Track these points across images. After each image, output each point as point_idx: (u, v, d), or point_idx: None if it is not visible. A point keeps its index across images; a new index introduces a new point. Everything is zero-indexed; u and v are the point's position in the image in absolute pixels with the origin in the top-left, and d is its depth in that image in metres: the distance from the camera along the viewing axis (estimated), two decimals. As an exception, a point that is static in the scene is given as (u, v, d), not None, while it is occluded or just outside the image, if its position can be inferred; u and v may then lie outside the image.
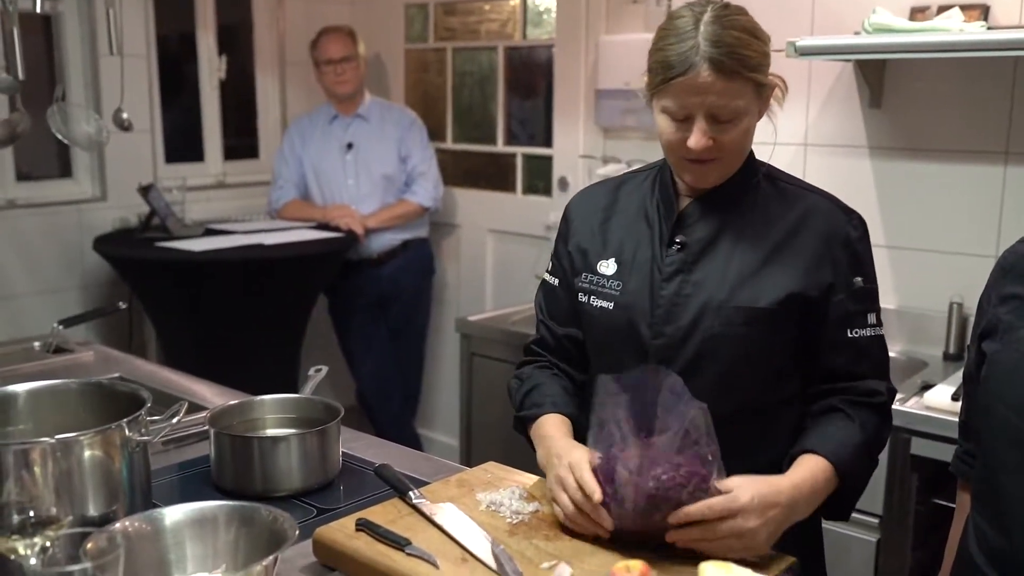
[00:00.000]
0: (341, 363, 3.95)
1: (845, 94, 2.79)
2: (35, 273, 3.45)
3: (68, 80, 3.50)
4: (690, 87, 1.39)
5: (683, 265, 1.50)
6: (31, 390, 1.54)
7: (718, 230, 1.50)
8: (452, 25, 4.03)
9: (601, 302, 1.55)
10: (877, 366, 1.52)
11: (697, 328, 1.47)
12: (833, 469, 1.40)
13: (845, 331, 1.47)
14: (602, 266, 1.57)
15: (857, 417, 1.46)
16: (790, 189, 1.54)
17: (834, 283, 1.46)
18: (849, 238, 1.49)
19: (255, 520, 1.29)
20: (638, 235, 1.56)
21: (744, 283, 1.47)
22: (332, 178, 3.86)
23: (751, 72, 1.40)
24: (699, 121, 1.40)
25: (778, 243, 1.48)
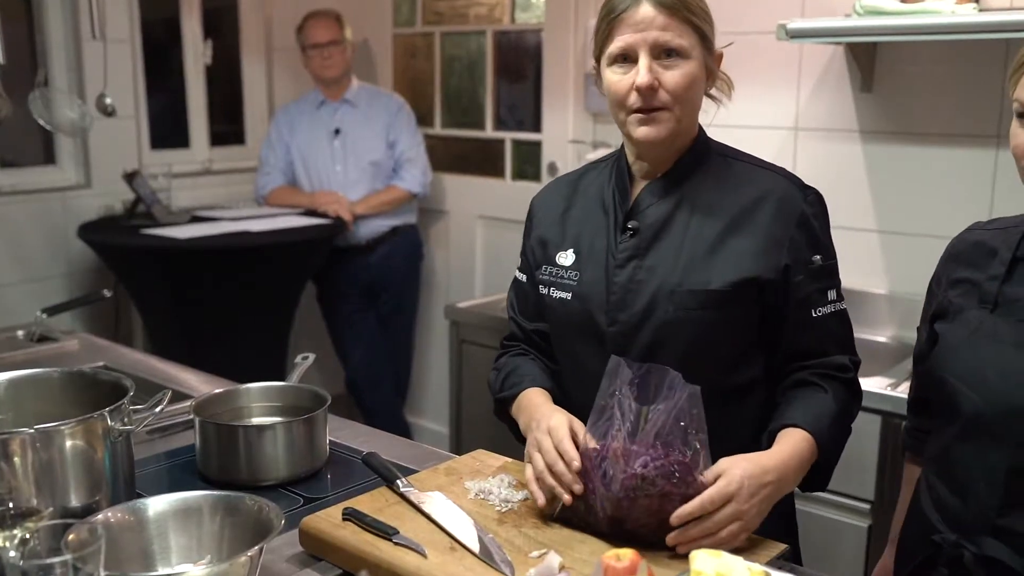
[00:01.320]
0: (330, 350, 3.93)
1: (836, 78, 2.77)
2: (19, 261, 3.41)
3: (50, 65, 3.45)
4: (632, 23, 1.42)
5: (636, 251, 1.50)
6: (11, 379, 1.51)
7: (671, 213, 1.50)
8: (440, 9, 4.00)
9: (560, 293, 1.55)
10: (842, 341, 1.52)
11: (652, 314, 1.47)
12: (813, 440, 1.41)
13: (809, 311, 1.47)
14: (561, 257, 1.57)
15: (830, 389, 1.47)
16: (743, 167, 1.54)
17: (791, 264, 1.46)
18: (805, 215, 1.48)
19: (240, 510, 1.27)
20: (595, 224, 1.56)
21: (696, 265, 1.46)
22: (320, 164, 3.83)
23: (692, 15, 1.44)
24: (643, 58, 1.42)
25: (731, 223, 1.47)
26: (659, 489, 1.25)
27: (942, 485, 1.39)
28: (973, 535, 1.32)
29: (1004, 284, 1.37)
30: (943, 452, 1.40)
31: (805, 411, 1.44)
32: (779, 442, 1.40)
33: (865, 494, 2.30)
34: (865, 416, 2.27)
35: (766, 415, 1.49)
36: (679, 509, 1.25)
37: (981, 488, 1.32)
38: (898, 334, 2.70)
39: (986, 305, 1.37)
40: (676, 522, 1.26)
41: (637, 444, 1.27)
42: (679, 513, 1.25)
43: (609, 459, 1.28)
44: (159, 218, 3.49)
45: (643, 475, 1.25)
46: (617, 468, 1.26)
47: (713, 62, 1.50)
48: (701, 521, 1.26)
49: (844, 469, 2.29)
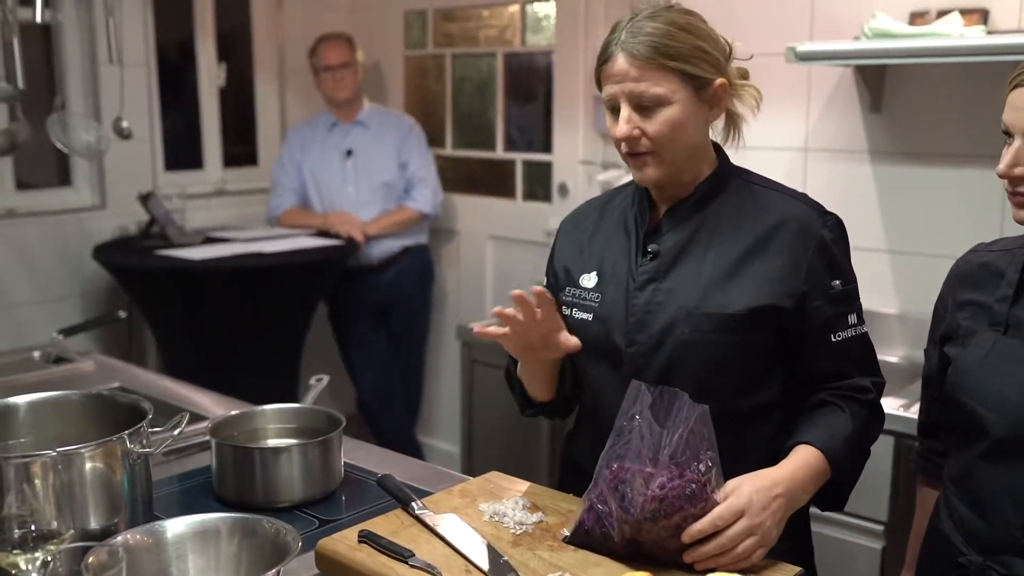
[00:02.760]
0: (341, 370, 3.94)
1: (845, 99, 2.78)
2: (35, 282, 3.45)
3: (68, 89, 3.50)
4: (610, 75, 1.46)
5: (656, 273, 1.52)
6: (32, 402, 1.53)
7: (690, 237, 1.52)
8: (451, 31, 4.03)
9: (582, 314, 1.58)
10: (864, 364, 1.54)
11: (669, 335, 1.49)
12: (824, 458, 1.42)
13: (828, 336, 1.49)
14: (584, 279, 1.60)
15: (847, 409, 1.48)
16: (763, 192, 1.56)
17: (808, 291, 1.47)
18: (824, 241, 1.49)
19: (258, 532, 1.28)
20: (618, 247, 1.59)
21: (715, 289, 1.48)
22: (331, 185, 3.86)
23: (670, 60, 1.44)
24: (622, 109, 1.46)
25: (751, 248, 1.49)
26: (677, 509, 1.27)
27: (964, 506, 1.39)
28: (1000, 556, 1.32)
29: (1013, 306, 1.38)
30: (965, 473, 1.40)
31: (818, 429, 1.45)
32: (789, 457, 1.43)
33: (879, 515, 2.30)
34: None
35: (783, 438, 1.50)
36: (691, 527, 1.27)
37: (1007, 508, 1.32)
38: (910, 354, 2.69)
39: (997, 327, 1.38)
40: (688, 539, 1.27)
41: (655, 466, 1.29)
42: (691, 531, 1.27)
43: (628, 481, 1.29)
44: (173, 239, 3.52)
45: (662, 496, 1.26)
46: (636, 491, 1.27)
47: (713, 94, 1.50)
48: (715, 537, 1.28)
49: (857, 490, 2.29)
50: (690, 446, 1.29)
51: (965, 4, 2.50)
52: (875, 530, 2.32)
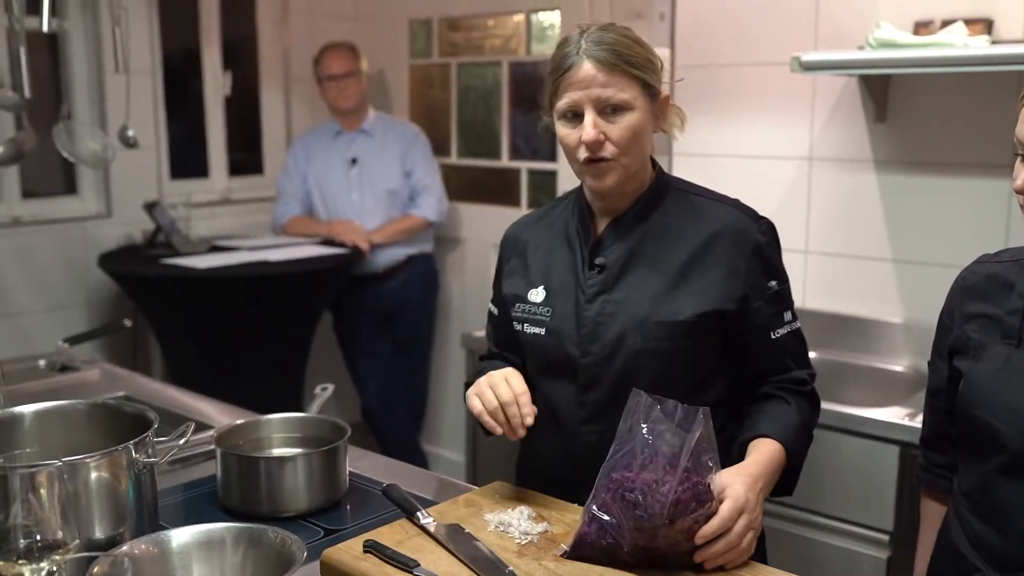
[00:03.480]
0: (346, 378, 3.94)
1: (849, 108, 2.79)
2: (40, 290, 3.45)
3: (74, 98, 3.51)
4: (575, 82, 1.50)
5: (604, 285, 1.58)
6: (38, 411, 1.54)
7: (634, 249, 1.59)
8: (456, 40, 4.04)
9: (534, 328, 1.63)
10: (799, 357, 1.63)
11: (622, 345, 1.55)
12: (783, 449, 1.51)
13: (768, 334, 1.58)
14: (532, 294, 1.65)
15: (792, 401, 1.58)
16: (700, 201, 1.63)
17: (748, 293, 1.55)
18: (759, 245, 1.57)
19: (263, 542, 1.28)
20: (562, 261, 1.64)
21: (663, 298, 1.55)
22: (336, 193, 3.86)
23: (632, 68, 1.51)
24: (587, 114, 1.50)
25: (692, 257, 1.57)
26: (691, 511, 1.30)
27: (979, 521, 1.38)
28: (1016, 571, 1.31)
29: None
30: (980, 488, 1.38)
31: (774, 422, 1.54)
32: (755, 452, 1.50)
33: (884, 524, 2.29)
34: (882, 446, 2.27)
35: (731, 430, 1.58)
36: (703, 529, 1.31)
37: None
38: (914, 363, 2.69)
39: (1010, 340, 1.37)
40: (700, 541, 1.32)
41: (662, 472, 1.30)
42: (703, 533, 1.31)
43: (639, 489, 1.29)
44: (178, 248, 3.53)
45: (676, 500, 1.28)
46: (653, 497, 1.28)
47: (659, 107, 1.58)
48: (724, 536, 1.33)
49: (862, 499, 2.31)
50: (694, 449, 1.32)
51: (970, 14, 2.51)
52: (881, 540, 2.31)
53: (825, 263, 2.88)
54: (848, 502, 2.35)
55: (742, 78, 2.97)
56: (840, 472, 2.35)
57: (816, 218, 2.89)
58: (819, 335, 2.86)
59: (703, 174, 3.06)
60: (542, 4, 3.71)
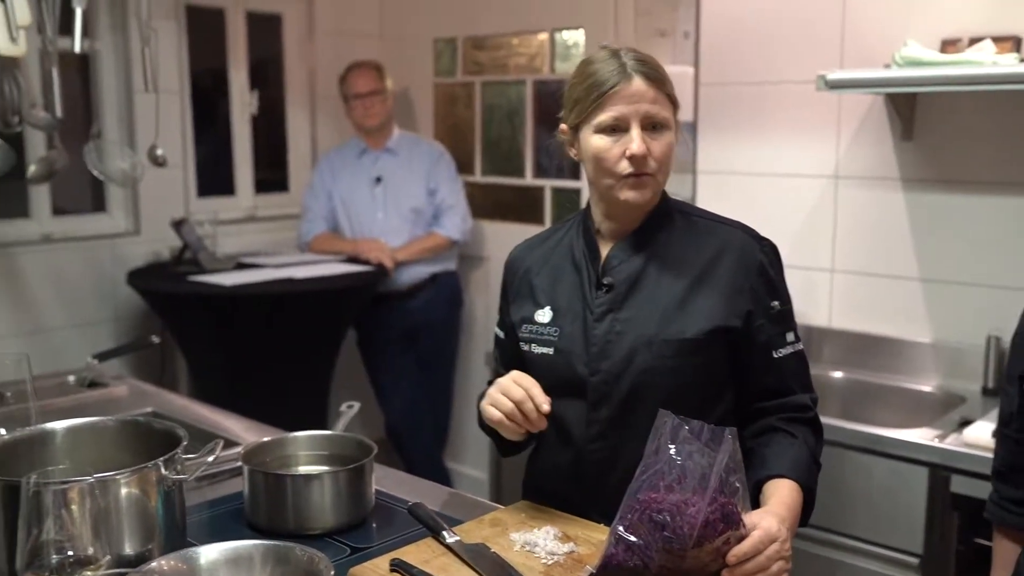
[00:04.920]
0: (370, 396, 3.95)
1: (876, 126, 2.78)
2: (70, 306, 3.49)
3: (104, 117, 3.55)
4: (625, 96, 1.54)
5: (612, 304, 1.61)
6: (70, 427, 1.55)
7: (642, 268, 1.62)
8: (480, 59, 4.06)
9: (542, 348, 1.66)
10: (801, 379, 1.64)
11: (631, 363, 1.58)
12: (799, 487, 1.52)
13: (770, 353, 1.59)
14: (539, 315, 1.68)
15: (798, 433, 1.59)
16: (703, 223, 1.66)
17: (752, 310, 1.58)
18: (763, 265, 1.60)
19: (290, 560, 1.28)
20: (569, 281, 1.67)
21: (671, 317, 1.58)
22: (361, 211, 3.88)
23: (670, 88, 1.58)
24: (634, 128, 1.54)
25: (698, 276, 1.60)
26: (720, 532, 1.30)
27: None
28: None
29: None
30: None
31: (786, 460, 1.54)
32: (775, 494, 1.50)
33: (913, 547, 2.27)
34: (911, 468, 2.25)
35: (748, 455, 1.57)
36: (735, 549, 1.31)
37: None
38: (943, 384, 2.67)
39: None
40: (733, 560, 1.31)
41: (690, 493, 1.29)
42: (736, 552, 1.31)
43: (667, 510, 1.29)
44: (205, 265, 3.55)
45: (705, 521, 1.28)
46: (682, 518, 1.28)
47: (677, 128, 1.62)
48: (754, 558, 1.32)
49: (891, 521, 2.29)
50: (722, 470, 1.31)
51: (998, 31, 2.50)
52: (910, 563, 2.29)
53: (851, 282, 2.87)
54: (877, 524, 2.33)
55: (767, 96, 2.97)
56: (868, 493, 2.33)
57: (842, 237, 2.87)
58: (846, 355, 2.85)
59: (728, 192, 3.06)
60: (566, 23, 3.73)
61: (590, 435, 1.60)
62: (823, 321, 2.91)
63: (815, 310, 2.92)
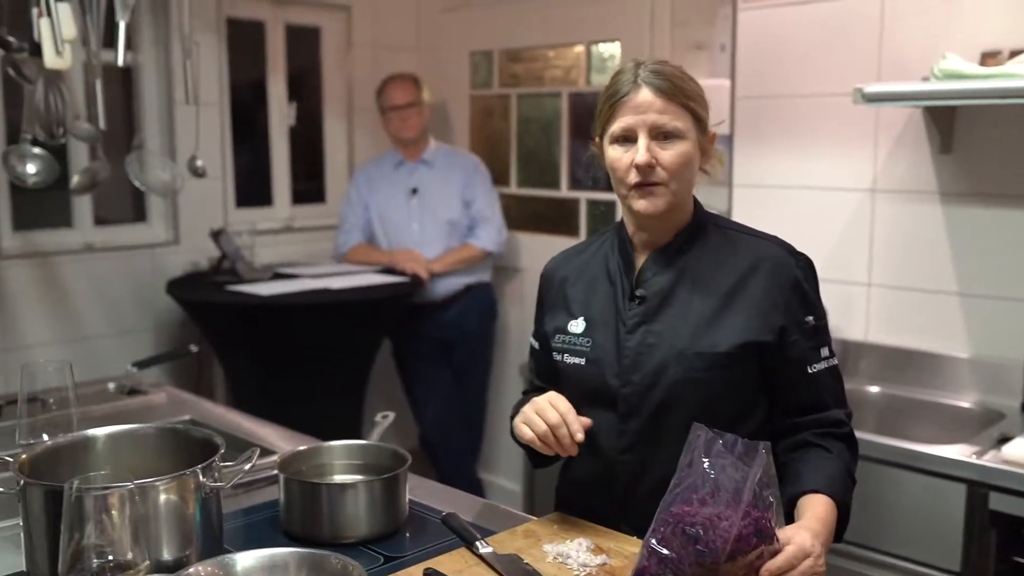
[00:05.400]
0: (404, 406, 3.97)
1: (914, 139, 2.75)
2: (111, 315, 3.54)
3: (146, 129, 3.61)
4: (632, 106, 1.56)
5: (645, 317, 1.61)
6: (110, 434, 1.58)
7: (675, 281, 1.62)
8: (517, 72, 4.08)
9: (574, 359, 1.67)
10: (835, 395, 1.63)
11: (663, 375, 1.58)
12: (834, 502, 1.51)
13: (804, 368, 1.59)
14: (572, 326, 1.69)
15: (833, 448, 1.58)
16: (739, 236, 1.66)
17: (786, 325, 1.57)
18: (798, 280, 1.60)
19: (325, 567, 1.30)
20: (602, 293, 1.68)
21: (703, 330, 1.57)
22: (397, 222, 3.91)
23: (688, 99, 1.57)
24: (641, 138, 1.55)
25: (731, 289, 1.59)
26: (753, 546, 1.30)
27: None
28: None
29: None
30: None
31: (821, 475, 1.53)
32: (811, 508, 1.49)
33: (951, 565, 2.24)
34: (949, 485, 2.22)
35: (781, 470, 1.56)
36: (769, 563, 1.31)
37: None
38: (982, 399, 2.64)
39: None
40: (767, 575, 1.31)
41: (723, 507, 1.29)
42: (770, 567, 1.31)
43: (700, 524, 1.29)
44: (242, 275, 3.59)
45: (738, 536, 1.28)
46: (715, 532, 1.28)
47: (707, 141, 1.63)
48: (788, 574, 1.32)
49: (928, 538, 2.26)
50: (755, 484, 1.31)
51: (1038, 44, 2.47)
52: (947, 580, 2.26)
53: (889, 296, 2.84)
54: (913, 541, 2.30)
55: (804, 109, 2.96)
56: (905, 510, 2.30)
57: (879, 250, 2.85)
58: (882, 370, 2.82)
59: (764, 206, 3.05)
60: (602, 35, 3.74)
61: (621, 446, 1.61)
62: (859, 335, 2.89)
63: (851, 324, 2.89)
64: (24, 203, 3.34)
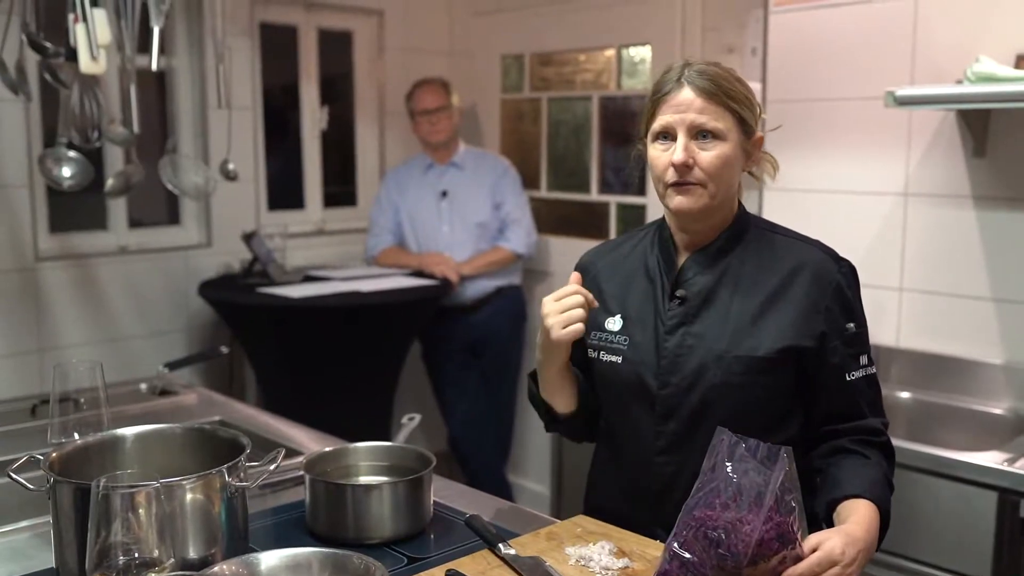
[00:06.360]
0: (434, 408, 3.98)
1: (947, 143, 2.72)
2: (144, 316, 3.59)
3: (179, 133, 3.65)
4: (673, 104, 1.55)
5: (685, 318, 1.60)
6: (138, 433, 1.60)
7: (716, 283, 1.60)
8: (547, 75, 4.09)
9: (610, 357, 1.65)
10: (873, 404, 1.62)
11: (701, 378, 1.56)
12: (876, 507, 1.50)
13: (843, 375, 1.57)
14: (609, 323, 1.67)
15: (870, 455, 1.57)
16: (782, 240, 1.65)
17: (827, 331, 1.56)
18: (840, 285, 1.58)
19: (348, 568, 1.30)
20: (641, 291, 1.66)
21: (743, 333, 1.56)
22: (427, 225, 3.93)
23: (731, 100, 1.55)
24: (680, 137, 1.54)
25: (773, 293, 1.58)
26: (775, 551, 1.29)
27: None
28: None
29: None
30: None
31: (862, 480, 1.52)
32: (854, 513, 1.47)
33: (982, 573, 2.21)
34: (980, 492, 2.19)
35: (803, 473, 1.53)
36: (789, 571, 1.30)
37: None
38: (1015, 406, 2.60)
39: None
40: None
41: (746, 511, 1.29)
42: (790, 574, 1.30)
43: (722, 528, 1.29)
44: (274, 277, 3.63)
45: (760, 540, 1.27)
46: (737, 537, 1.27)
47: (752, 145, 1.61)
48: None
49: (958, 546, 2.23)
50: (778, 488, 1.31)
51: (1074, 47, 2.44)
52: (978, 589, 2.23)
53: (921, 301, 2.81)
54: (944, 548, 2.27)
55: (836, 112, 2.93)
56: (936, 517, 2.28)
57: (911, 255, 2.82)
58: (914, 375, 2.79)
59: (796, 209, 3.03)
60: (633, 39, 3.74)
61: (657, 448, 1.60)
62: (891, 341, 2.86)
63: (883, 329, 2.87)
64: (61, 206, 3.40)
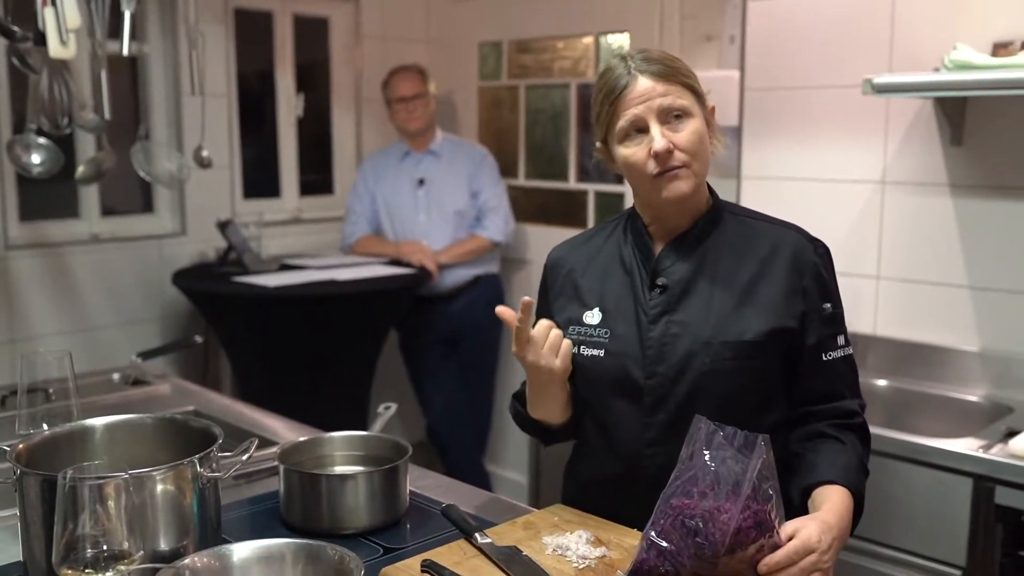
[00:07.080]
0: (411, 398, 3.97)
1: (924, 131, 2.73)
2: (117, 305, 3.55)
3: (152, 119, 3.61)
4: (635, 97, 1.53)
5: (667, 306, 1.59)
6: (108, 424, 1.57)
7: (695, 270, 1.59)
8: (525, 63, 4.07)
9: (591, 351, 1.63)
10: (850, 384, 1.63)
11: (689, 366, 1.55)
12: (850, 493, 1.50)
13: (820, 355, 1.58)
14: (588, 316, 1.65)
15: (846, 439, 1.57)
16: (755, 224, 1.65)
17: (806, 311, 1.57)
18: (816, 266, 1.59)
19: (322, 559, 1.29)
20: (619, 283, 1.65)
21: (728, 319, 1.56)
22: (404, 213, 3.90)
23: (683, 76, 1.56)
24: (653, 125, 1.53)
25: (753, 277, 1.58)
26: (753, 540, 1.29)
27: None
28: None
29: None
30: None
31: (835, 466, 1.52)
32: (828, 500, 1.47)
33: (956, 559, 2.22)
34: (955, 478, 2.20)
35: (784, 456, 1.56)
36: (767, 558, 1.30)
37: None
38: (991, 393, 2.61)
39: None
40: (766, 570, 1.30)
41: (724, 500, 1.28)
42: (769, 562, 1.30)
43: (699, 516, 1.28)
44: (249, 266, 3.59)
45: (737, 529, 1.27)
46: (714, 525, 1.26)
47: (709, 114, 1.60)
48: (787, 569, 1.31)
49: (933, 532, 2.25)
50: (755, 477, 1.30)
51: (1050, 35, 2.44)
52: (952, 574, 2.24)
53: (898, 289, 2.82)
54: (919, 535, 2.28)
55: (814, 100, 2.93)
56: (911, 504, 2.29)
57: (889, 243, 2.83)
58: (891, 363, 2.80)
59: (774, 197, 3.03)
60: (611, 27, 3.72)
61: (646, 439, 1.57)
62: (868, 328, 2.86)
63: (860, 317, 2.87)
64: (31, 194, 3.35)
